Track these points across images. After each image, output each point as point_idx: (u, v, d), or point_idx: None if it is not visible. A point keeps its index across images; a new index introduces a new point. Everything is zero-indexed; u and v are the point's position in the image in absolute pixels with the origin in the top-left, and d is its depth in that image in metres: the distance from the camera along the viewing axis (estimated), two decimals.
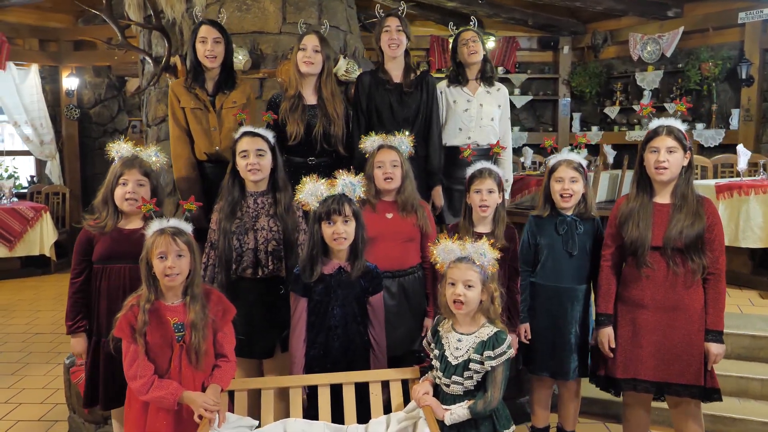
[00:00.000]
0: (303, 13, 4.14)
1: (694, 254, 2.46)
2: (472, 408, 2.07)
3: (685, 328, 2.50)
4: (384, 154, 2.78)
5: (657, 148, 2.48)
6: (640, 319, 2.56)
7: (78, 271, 2.53)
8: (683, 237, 2.44)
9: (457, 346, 2.14)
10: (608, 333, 2.63)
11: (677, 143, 2.46)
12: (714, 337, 2.50)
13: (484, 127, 3.53)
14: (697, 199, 2.51)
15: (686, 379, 2.51)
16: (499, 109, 3.58)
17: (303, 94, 3.07)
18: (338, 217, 2.30)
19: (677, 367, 2.51)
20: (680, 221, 2.46)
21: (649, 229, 2.51)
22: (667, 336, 2.52)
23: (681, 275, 2.48)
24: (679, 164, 2.48)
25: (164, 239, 2.05)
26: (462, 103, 3.52)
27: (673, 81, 7.54)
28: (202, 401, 2.01)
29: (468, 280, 2.10)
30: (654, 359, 2.54)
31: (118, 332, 2.05)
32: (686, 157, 2.50)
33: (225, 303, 2.21)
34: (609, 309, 2.66)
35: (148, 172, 2.54)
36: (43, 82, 7.91)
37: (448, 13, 7.57)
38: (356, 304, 2.38)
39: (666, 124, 2.53)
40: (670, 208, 2.51)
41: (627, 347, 2.60)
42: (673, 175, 2.49)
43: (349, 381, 2.23)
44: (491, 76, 3.55)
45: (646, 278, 2.53)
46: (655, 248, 2.51)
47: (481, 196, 2.72)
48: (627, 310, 2.61)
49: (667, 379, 2.53)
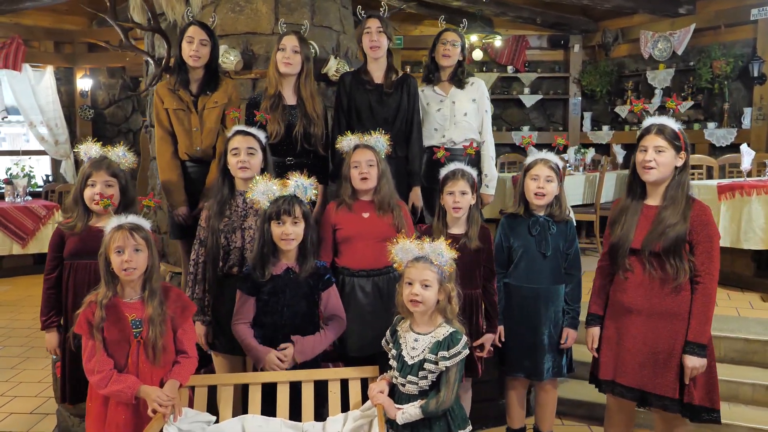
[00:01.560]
0: (295, 13, 4.16)
1: (672, 258, 2.34)
2: (424, 407, 2.07)
3: (668, 335, 2.38)
4: (360, 154, 2.79)
5: (645, 147, 2.40)
6: (623, 323, 2.49)
7: (50, 268, 2.61)
8: (662, 240, 2.34)
9: (414, 345, 2.14)
10: (593, 333, 2.60)
11: (667, 143, 2.36)
12: (693, 349, 2.33)
13: (458, 124, 3.50)
14: (687, 200, 2.38)
15: (659, 389, 2.40)
16: (474, 103, 3.52)
17: (283, 94, 3.10)
18: (288, 217, 2.33)
19: (653, 375, 2.41)
20: (662, 223, 2.36)
21: (631, 231, 2.44)
22: (648, 342, 2.42)
23: (658, 279, 2.38)
24: (668, 164, 2.38)
25: (121, 234, 2.10)
26: (435, 104, 3.52)
27: (685, 79, 7.40)
28: (156, 396, 2.04)
29: (425, 280, 2.10)
30: (633, 365, 2.45)
31: (78, 329, 2.10)
32: (680, 157, 2.39)
33: (184, 300, 2.25)
34: (597, 310, 2.60)
35: (117, 172, 2.59)
36: (58, 83, 8.09)
37: (455, 12, 7.54)
38: (305, 303, 2.41)
39: (658, 122, 2.44)
40: (657, 209, 2.42)
41: (610, 349, 2.54)
42: (661, 175, 2.38)
43: (309, 379, 2.25)
44: (461, 79, 3.50)
45: (626, 281, 2.47)
46: (633, 251, 2.43)
47: (454, 197, 2.72)
48: (613, 313, 2.55)
49: (643, 386, 2.44)
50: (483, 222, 2.86)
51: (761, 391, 3.41)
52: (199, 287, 2.62)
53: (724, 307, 4.28)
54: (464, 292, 2.73)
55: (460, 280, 2.73)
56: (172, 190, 3.05)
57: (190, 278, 2.65)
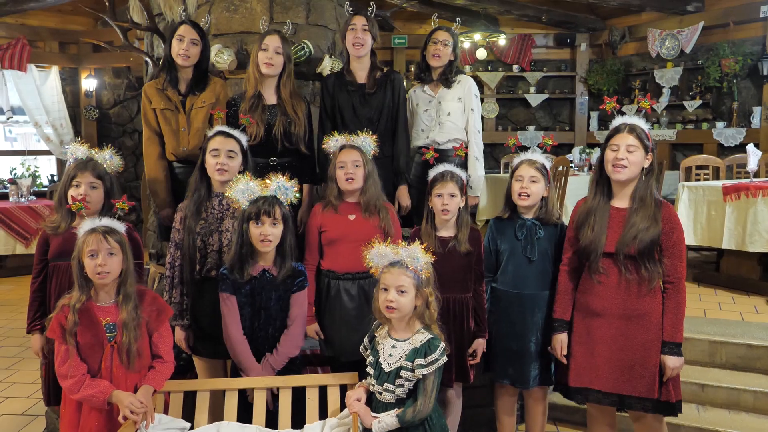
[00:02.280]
0: (290, 12, 4.11)
1: (648, 261, 2.35)
2: (401, 417, 2.01)
3: (640, 338, 2.39)
4: (346, 154, 2.74)
5: (617, 145, 2.38)
6: (594, 328, 2.46)
7: (37, 271, 2.58)
8: (637, 242, 2.33)
9: (391, 352, 2.08)
10: (561, 339, 2.55)
11: (638, 142, 2.36)
12: (671, 349, 2.36)
13: (443, 124, 3.43)
14: (656, 203, 2.39)
15: (639, 391, 2.39)
16: (459, 102, 3.44)
17: (263, 94, 3.05)
18: (267, 218, 2.30)
19: (630, 378, 2.40)
20: (635, 226, 2.35)
21: (603, 234, 2.41)
22: (621, 346, 2.41)
23: (634, 283, 2.37)
24: (638, 164, 2.37)
25: (95, 237, 2.06)
26: (423, 104, 3.47)
27: (693, 78, 7.28)
28: (129, 402, 2.01)
29: (400, 286, 2.05)
30: (607, 369, 2.43)
31: (50, 333, 2.07)
32: (647, 158, 2.40)
33: (160, 303, 2.21)
34: (564, 315, 2.56)
35: (102, 174, 2.56)
36: (64, 83, 8.12)
37: (458, 10, 7.46)
38: (281, 306, 2.38)
39: (629, 122, 2.43)
40: (627, 212, 2.40)
41: (581, 356, 2.50)
42: (632, 174, 2.38)
43: (286, 385, 2.20)
44: (447, 78, 3.42)
45: (598, 284, 2.43)
46: (607, 254, 2.40)
47: (443, 200, 2.66)
48: (582, 317, 2.51)
49: (620, 390, 2.42)
50: (473, 224, 2.80)
51: (763, 398, 3.31)
52: (177, 290, 2.58)
53: (728, 311, 4.18)
54: (454, 296, 2.70)
55: (450, 283, 2.70)
56: (157, 191, 3.02)
57: (167, 282, 2.61)
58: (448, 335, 2.67)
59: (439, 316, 2.65)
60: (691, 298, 4.47)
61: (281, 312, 2.39)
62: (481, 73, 8.47)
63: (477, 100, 3.47)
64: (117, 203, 2.30)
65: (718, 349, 3.64)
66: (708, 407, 3.40)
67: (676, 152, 7.47)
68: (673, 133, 7.37)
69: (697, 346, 3.68)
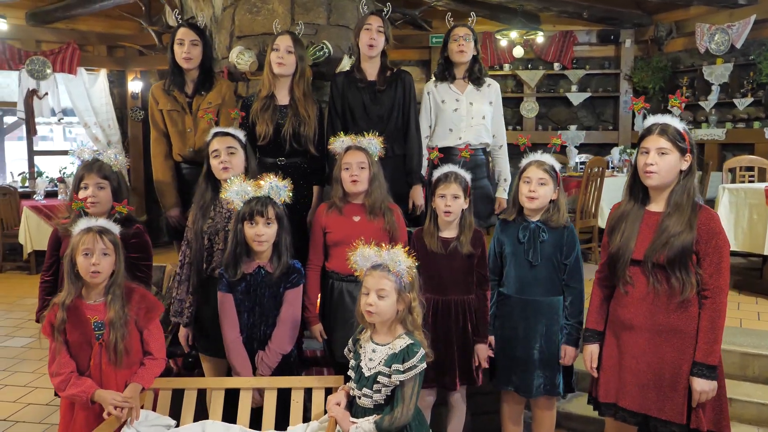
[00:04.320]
0: (311, 13, 4.14)
1: (679, 271, 2.14)
2: (378, 423, 1.96)
3: (671, 355, 2.18)
4: (351, 156, 2.72)
5: (647, 149, 2.19)
6: (624, 341, 2.28)
7: (47, 266, 2.66)
8: (666, 250, 2.14)
9: (371, 357, 2.05)
10: (591, 350, 2.40)
11: (671, 144, 2.15)
12: (701, 371, 2.13)
13: (474, 127, 3.40)
14: (693, 207, 2.18)
15: (665, 414, 2.18)
16: (491, 106, 3.45)
17: (276, 95, 3.07)
18: (260, 218, 2.31)
19: (657, 399, 2.20)
20: (666, 231, 2.16)
21: (632, 240, 2.23)
22: (651, 362, 2.21)
23: (663, 294, 2.18)
24: (672, 168, 2.17)
25: (90, 237, 2.11)
26: (451, 102, 3.41)
27: (744, 74, 6.92)
28: (111, 398, 2.05)
29: (381, 289, 2.00)
30: (636, 387, 2.24)
31: (44, 331, 2.13)
32: (685, 160, 2.18)
33: (149, 301, 2.24)
34: (596, 325, 2.40)
35: (108, 174, 2.60)
36: (111, 85, 8.41)
37: (495, 8, 7.34)
38: (276, 303, 2.39)
39: (661, 122, 2.22)
40: (660, 216, 2.22)
41: (611, 369, 2.33)
42: (664, 179, 2.18)
43: (272, 386, 2.20)
44: (479, 77, 3.40)
45: (626, 295, 2.26)
46: (635, 262, 2.23)
47: (446, 201, 2.62)
48: (613, 329, 2.34)
49: (647, 411, 2.22)
50: (476, 226, 2.74)
51: None
52: (182, 288, 2.63)
53: (767, 321, 3.95)
54: (456, 298, 2.66)
55: (452, 285, 2.66)
56: (164, 192, 3.08)
57: (176, 279, 2.66)
58: (449, 338, 2.65)
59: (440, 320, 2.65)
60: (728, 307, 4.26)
61: (275, 309, 2.40)
62: (521, 71, 8.30)
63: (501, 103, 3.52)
64: (117, 206, 2.34)
65: (751, 362, 3.44)
66: (735, 423, 3.20)
67: (725, 152, 7.12)
68: (723, 133, 7.02)
69: (727, 358, 3.46)
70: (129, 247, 2.57)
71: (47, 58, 7.64)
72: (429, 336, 2.15)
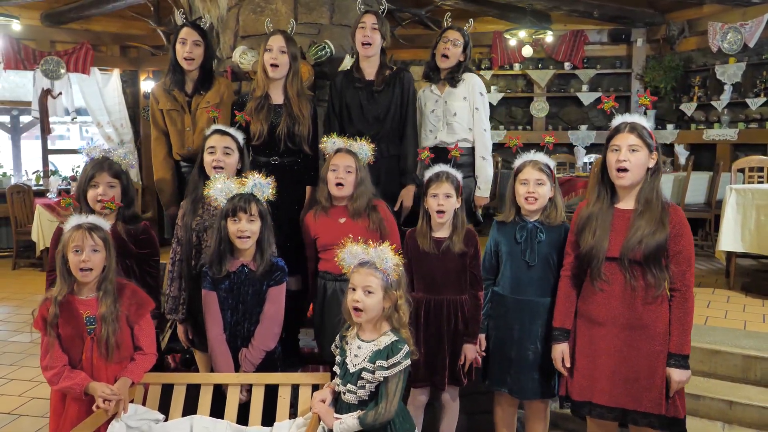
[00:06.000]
0: (314, 13, 4.16)
1: (654, 267, 2.22)
2: (362, 419, 1.98)
3: (646, 349, 2.25)
4: (340, 158, 2.73)
5: (618, 146, 2.25)
6: (597, 338, 2.32)
7: (52, 266, 2.69)
8: (642, 247, 2.20)
9: (357, 353, 2.06)
10: (562, 349, 2.42)
11: (640, 141, 2.22)
12: (677, 361, 2.23)
13: (450, 125, 3.37)
14: (663, 205, 2.25)
15: (644, 406, 2.24)
16: (465, 101, 3.36)
17: (270, 94, 3.08)
18: (244, 215, 2.33)
19: (634, 392, 2.25)
20: (640, 229, 2.22)
21: (605, 238, 2.28)
22: (625, 357, 2.26)
23: (640, 290, 2.23)
24: (642, 165, 2.24)
25: (80, 233, 2.14)
26: (430, 104, 3.43)
27: (758, 74, 6.82)
28: (101, 391, 2.08)
29: (368, 286, 2.02)
30: (611, 382, 2.28)
31: (35, 324, 2.16)
32: (652, 157, 2.26)
33: (140, 296, 2.27)
34: (565, 323, 2.44)
35: (118, 173, 2.62)
36: (124, 85, 8.50)
37: (504, 7, 7.31)
38: (259, 301, 2.40)
39: (629, 120, 2.28)
40: (632, 214, 2.27)
41: (583, 367, 2.36)
42: (635, 177, 2.25)
43: (260, 383, 2.22)
44: (453, 77, 3.35)
45: (601, 292, 2.30)
46: (611, 259, 2.27)
47: (438, 200, 2.62)
48: (584, 326, 2.38)
49: (624, 405, 2.27)
50: (469, 226, 2.73)
51: None
52: (174, 285, 2.66)
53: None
54: (449, 298, 2.65)
55: (445, 284, 2.65)
56: (164, 190, 3.12)
57: (169, 276, 2.69)
58: (441, 337, 2.64)
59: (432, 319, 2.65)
60: (734, 309, 4.25)
61: (258, 307, 2.41)
62: (531, 71, 8.26)
63: (483, 98, 3.38)
64: (105, 202, 2.38)
65: (753, 365, 3.39)
66: (735, 426, 3.18)
67: (738, 153, 7.02)
68: (735, 133, 6.93)
69: (729, 360, 3.44)
70: (137, 243, 2.62)
71: (61, 58, 7.75)
72: (414, 334, 2.15)
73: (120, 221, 2.59)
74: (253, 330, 2.40)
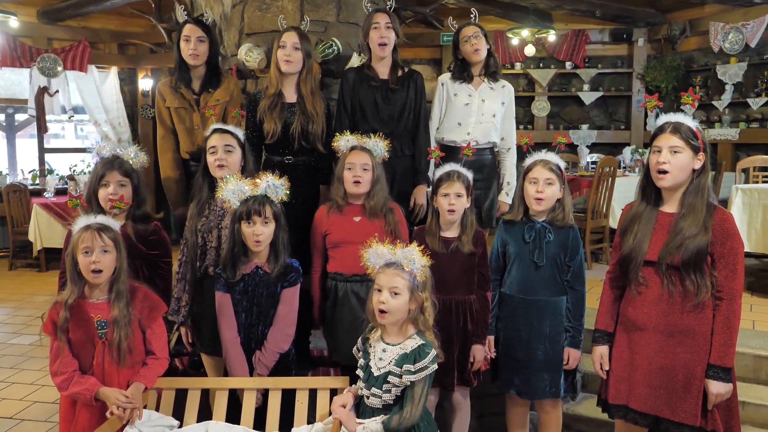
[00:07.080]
0: (321, 10, 4.10)
1: (694, 273, 2.11)
2: (386, 423, 1.93)
3: (683, 357, 2.15)
4: (355, 156, 2.69)
5: (660, 147, 2.15)
6: (636, 342, 2.25)
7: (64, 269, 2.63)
8: (681, 251, 2.10)
9: (381, 356, 2.02)
10: (600, 352, 2.36)
11: (683, 142, 2.11)
12: (716, 373, 2.11)
13: (484, 124, 3.35)
14: (708, 208, 2.14)
15: (678, 416, 2.15)
16: (503, 106, 3.40)
17: (284, 92, 3.03)
18: (258, 218, 2.28)
19: (670, 400, 2.17)
20: (681, 233, 2.12)
21: (645, 241, 2.20)
22: (664, 364, 2.18)
23: (678, 296, 2.14)
24: (685, 167, 2.13)
25: (89, 234, 2.08)
26: (463, 96, 3.37)
27: (759, 74, 6.83)
28: (115, 398, 2.02)
29: (394, 287, 1.98)
30: (647, 388, 2.21)
31: (45, 329, 2.11)
32: (698, 159, 2.14)
33: (153, 300, 2.21)
34: (606, 326, 2.36)
35: (129, 172, 2.57)
36: (122, 83, 8.42)
37: (506, 6, 7.27)
38: (270, 302, 2.36)
39: (673, 120, 2.17)
40: (674, 217, 2.18)
41: (621, 371, 2.30)
42: (677, 179, 2.14)
43: (276, 387, 2.17)
44: (495, 71, 3.37)
45: (638, 295, 2.23)
46: (649, 263, 2.19)
47: (449, 200, 2.59)
48: (624, 330, 2.31)
49: (658, 412, 2.19)
50: (478, 226, 2.70)
51: None
52: (179, 286, 2.62)
53: None
54: (458, 298, 2.62)
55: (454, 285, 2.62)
56: (172, 189, 3.06)
57: (176, 278, 2.64)
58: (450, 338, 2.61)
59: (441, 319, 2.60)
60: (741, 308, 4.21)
61: (272, 309, 2.37)
62: (532, 70, 8.23)
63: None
64: (114, 201, 2.32)
65: (764, 365, 3.37)
66: (748, 426, 3.14)
67: (739, 152, 7.02)
68: (736, 133, 6.93)
69: (739, 360, 3.38)
70: (148, 244, 2.57)
71: (58, 56, 7.65)
72: (440, 337, 2.11)
73: (130, 221, 2.54)
74: (268, 332, 2.35)
